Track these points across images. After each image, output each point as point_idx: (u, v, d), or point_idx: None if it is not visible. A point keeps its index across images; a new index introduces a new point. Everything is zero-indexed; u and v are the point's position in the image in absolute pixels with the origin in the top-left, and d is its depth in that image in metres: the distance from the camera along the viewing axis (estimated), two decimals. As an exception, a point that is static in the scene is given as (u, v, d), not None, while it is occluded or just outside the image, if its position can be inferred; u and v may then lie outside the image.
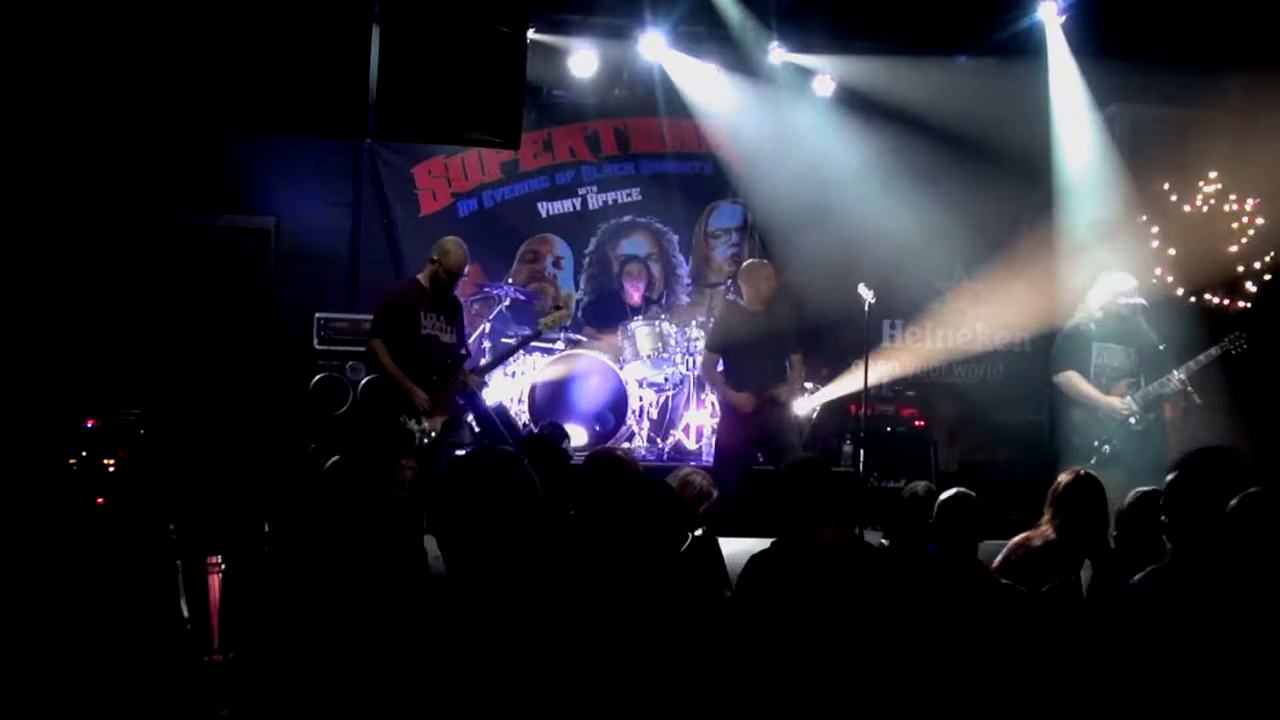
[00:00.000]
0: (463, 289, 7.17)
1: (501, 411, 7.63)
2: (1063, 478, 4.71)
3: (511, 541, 2.46)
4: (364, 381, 7.50)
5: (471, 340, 7.38)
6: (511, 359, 7.68)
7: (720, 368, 7.00)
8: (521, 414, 7.80)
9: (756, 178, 9.04)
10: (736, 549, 4.62)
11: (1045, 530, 4.64)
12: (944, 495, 4.23)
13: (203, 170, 8.14)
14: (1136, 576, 3.05)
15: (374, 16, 7.54)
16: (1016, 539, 4.74)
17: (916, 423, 8.27)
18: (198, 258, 8.06)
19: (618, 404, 7.88)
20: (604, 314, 8.70)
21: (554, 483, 3.71)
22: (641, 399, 8.09)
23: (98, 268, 7.71)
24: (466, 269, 6.60)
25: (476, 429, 7.15)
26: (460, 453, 5.97)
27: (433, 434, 6.38)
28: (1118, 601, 3.16)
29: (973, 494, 4.21)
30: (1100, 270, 6.64)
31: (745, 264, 7.39)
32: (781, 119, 8.67)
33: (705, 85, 8.61)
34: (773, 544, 3.93)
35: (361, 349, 7.69)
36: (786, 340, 6.97)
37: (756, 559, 3.91)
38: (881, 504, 6.73)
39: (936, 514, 4.18)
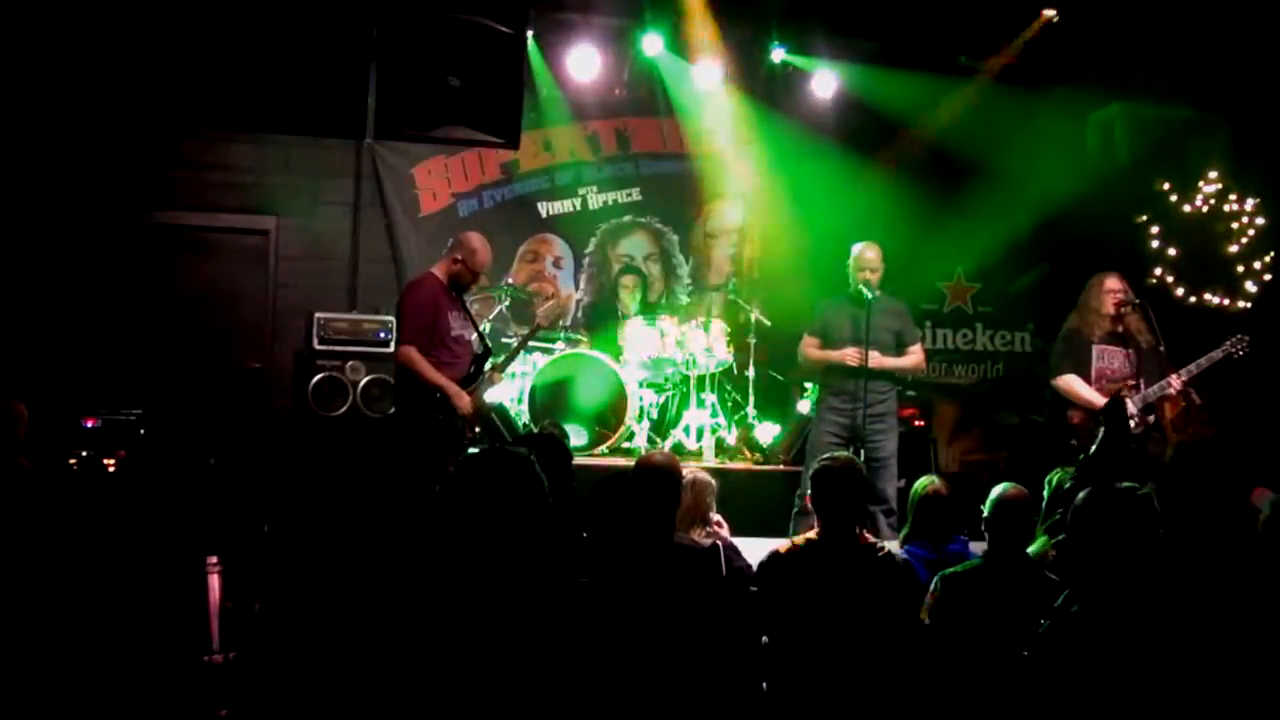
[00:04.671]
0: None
1: (501, 411, 7.61)
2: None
3: (520, 540, 2.46)
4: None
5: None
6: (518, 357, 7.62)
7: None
8: (521, 414, 7.78)
9: (755, 178, 9.04)
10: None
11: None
12: (998, 491, 4.12)
13: (203, 170, 8.14)
14: None
15: (374, 16, 7.53)
16: None
17: (916, 423, 8.24)
18: (198, 258, 8.06)
19: (617, 404, 7.86)
20: (599, 317, 8.65)
21: (558, 480, 3.71)
22: (641, 399, 8.07)
23: (98, 268, 7.71)
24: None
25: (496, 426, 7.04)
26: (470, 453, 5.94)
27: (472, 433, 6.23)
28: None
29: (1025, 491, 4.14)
30: (1098, 272, 6.64)
31: (855, 247, 6.80)
32: (781, 120, 8.66)
33: (704, 86, 8.59)
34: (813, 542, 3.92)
35: (362, 349, 7.70)
36: (899, 329, 6.75)
37: (780, 557, 3.91)
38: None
39: (991, 512, 4.07)
